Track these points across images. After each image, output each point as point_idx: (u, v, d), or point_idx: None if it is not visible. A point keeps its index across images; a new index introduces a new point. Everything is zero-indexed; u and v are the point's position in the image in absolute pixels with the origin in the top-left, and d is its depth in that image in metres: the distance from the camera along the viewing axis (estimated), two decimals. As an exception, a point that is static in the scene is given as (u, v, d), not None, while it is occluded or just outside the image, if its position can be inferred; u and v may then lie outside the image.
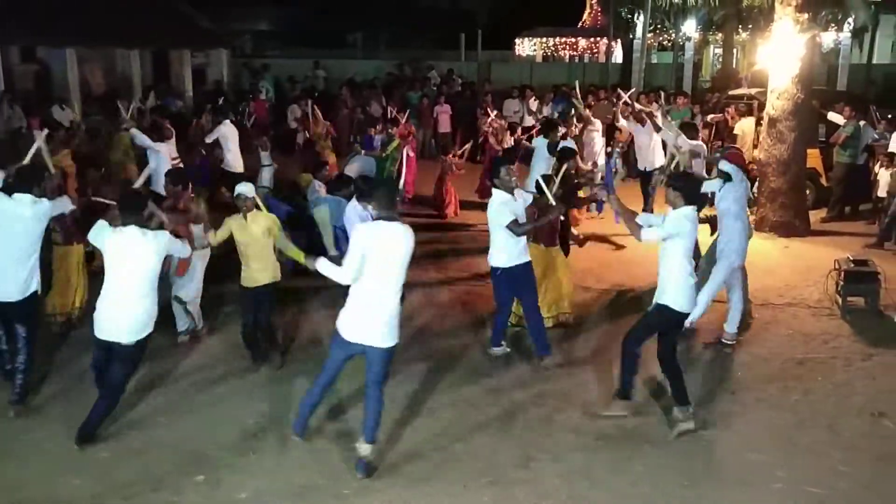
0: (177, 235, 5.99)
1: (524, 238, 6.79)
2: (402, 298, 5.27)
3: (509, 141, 14.04)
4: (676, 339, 6.06)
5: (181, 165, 10.85)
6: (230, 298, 7.89)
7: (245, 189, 6.61)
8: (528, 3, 38.41)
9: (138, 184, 9.84)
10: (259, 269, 6.65)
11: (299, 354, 7.15)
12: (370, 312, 5.08)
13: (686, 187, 5.80)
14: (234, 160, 11.97)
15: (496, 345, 7.16)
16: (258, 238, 6.56)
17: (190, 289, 7.19)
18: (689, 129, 10.07)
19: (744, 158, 7.86)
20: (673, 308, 5.73)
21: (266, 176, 12.04)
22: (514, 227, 6.55)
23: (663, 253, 5.79)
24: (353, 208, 7.48)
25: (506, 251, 6.73)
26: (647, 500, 5.02)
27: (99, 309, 5.47)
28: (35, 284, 6.00)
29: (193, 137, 13.47)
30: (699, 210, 5.92)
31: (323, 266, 5.22)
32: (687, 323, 6.35)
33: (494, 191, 6.81)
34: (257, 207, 6.62)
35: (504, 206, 6.64)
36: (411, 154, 13.42)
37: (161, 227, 5.82)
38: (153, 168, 9.99)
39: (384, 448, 5.51)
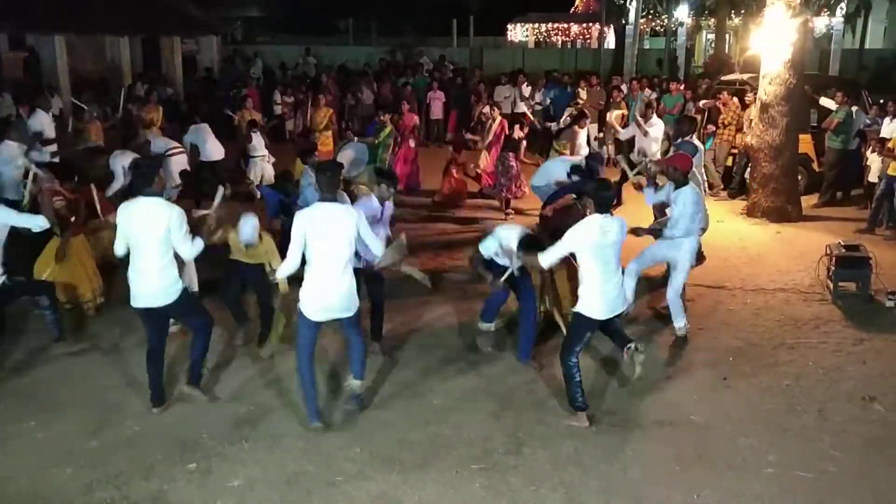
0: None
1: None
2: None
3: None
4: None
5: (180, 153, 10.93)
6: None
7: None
8: (521, -12, 38.26)
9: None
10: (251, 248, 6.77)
11: (289, 342, 7.13)
12: (328, 291, 5.44)
13: (594, 195, 5.70)
14: (212, 149, 11.97)
15: (487, 321, 7.10)
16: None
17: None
18: (684, 123, 9.93)
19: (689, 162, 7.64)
20: (583, 315, 5.74)
21: (253, 170, 12.12)
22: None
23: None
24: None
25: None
26: (638, 486, 5.03)
27: (130, 280, 5.60)
28: None
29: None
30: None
31: (280, 273, 5.72)
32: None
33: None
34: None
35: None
36: (412, 145, 13.30)
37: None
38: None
39: (376, 435, 5.53)
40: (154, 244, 5.46)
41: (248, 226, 6.57)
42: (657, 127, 11.49)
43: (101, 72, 20.55)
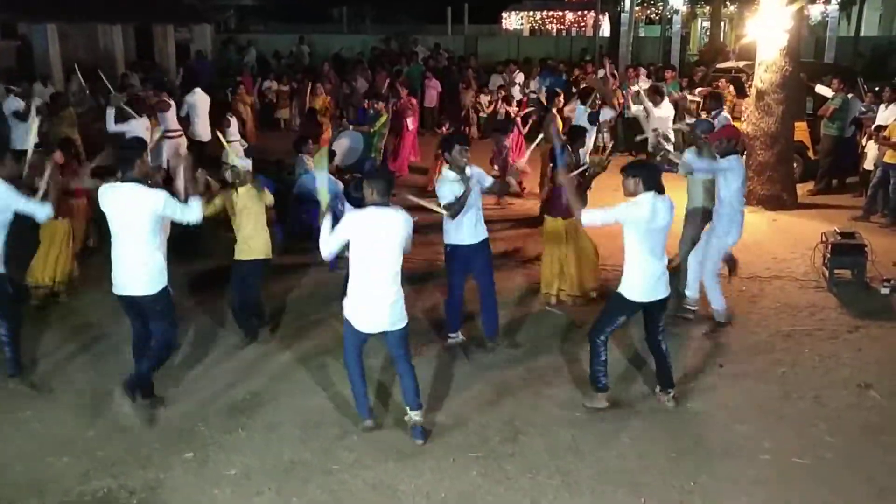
0: None
1: (476, 215, 6.44)
2: None
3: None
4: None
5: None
6: (218, 275, 7.84)
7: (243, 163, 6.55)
8: (516, -24, 38.11)
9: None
10: (252, 241, 6.60)
11: (286, 331, 7.13)
12: (373, 301, 5.16)
13: (642, 173, 5.50)
14: (203, 129, 11.97)
15: (452, 331, 6.84)
16: (250, 209, 6.52)
17: None
18: (652, 94, 10.09)
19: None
20: (623, 295, 5.63)
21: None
22: (447, 208, 6.22)
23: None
24: None
25: (454, 228, 6.41)
26: (634, 473, 5.04)
27: (112, 268, 5.46)
28: None
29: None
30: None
31: (325, 223, 5.27)
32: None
33: (444, 168, 6.55)
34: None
35: (451, 185, 6.28)
36: (411, 127, 13.40)
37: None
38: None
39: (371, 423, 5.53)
40: (133, 231, 5.31)
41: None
42: (666, 108, 11.56)
43: (93, 60, 20.39)
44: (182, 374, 6.29)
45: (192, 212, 5.48)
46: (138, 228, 5.32)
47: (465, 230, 6.43)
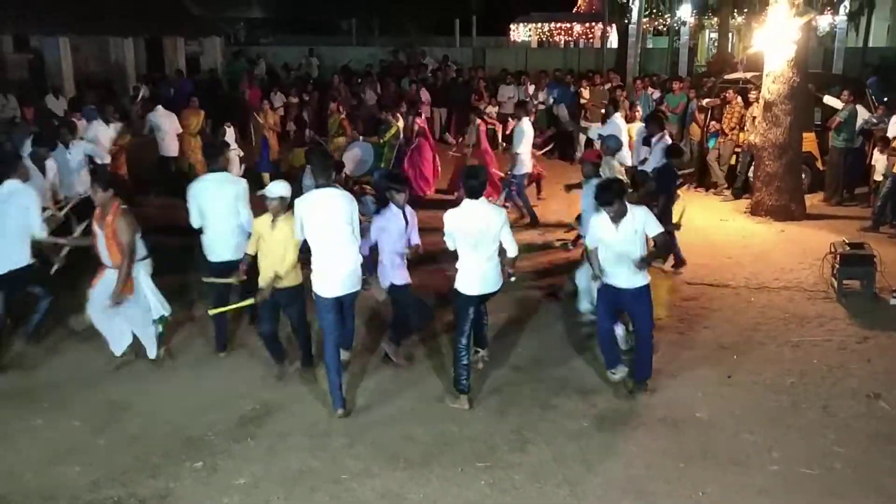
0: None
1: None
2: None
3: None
4: None
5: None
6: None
7: (272, 190, 6.03)
8: (523, -12, 38.21)
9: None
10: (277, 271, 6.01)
11: (294, 341, 7.14)
12: (333, 269, 5.77)
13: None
14: (169, 145, 12.37)
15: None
16: (279, 242, 6.00)
17: (135, 311, 6.41)
18: (652, 123, 10.03)
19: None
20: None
21: None
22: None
23: None
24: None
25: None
26: (642, 482, 5.04)
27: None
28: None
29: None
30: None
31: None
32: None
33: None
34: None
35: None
36: (430, 153, 12.85)
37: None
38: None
39: (381, 432, 5.55)
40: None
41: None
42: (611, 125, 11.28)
43: (105, 73, 20.58)
44: (192, 385, 6.33)
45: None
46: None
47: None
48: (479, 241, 5.77)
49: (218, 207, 6.53)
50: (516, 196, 11.12)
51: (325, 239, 5.76)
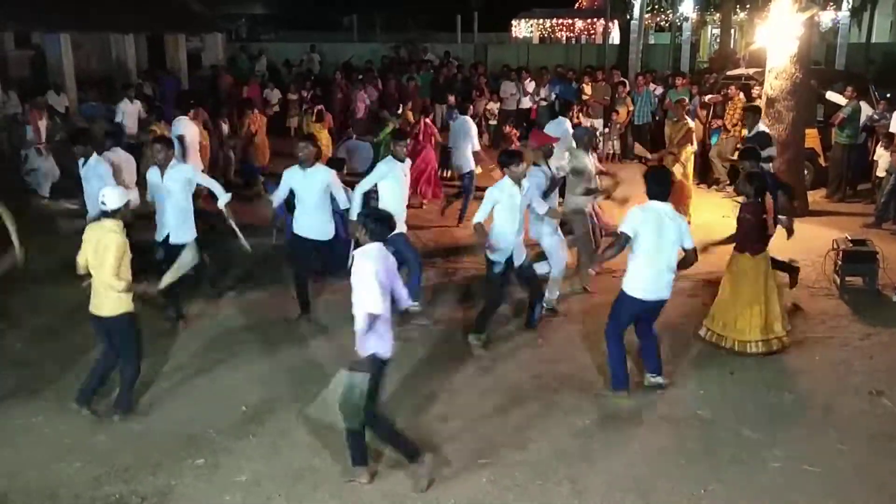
0: None
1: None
2: None
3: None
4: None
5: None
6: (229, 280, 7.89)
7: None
8: (525, -16, 38.17)
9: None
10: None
11: (298, 338, 7.15)
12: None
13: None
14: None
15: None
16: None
17: None
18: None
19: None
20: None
21: None
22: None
23: None
24: None
25: None
26: (644, 480, 5.03)
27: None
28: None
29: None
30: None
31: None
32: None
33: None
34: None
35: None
36: (433, 164, 12.17)
37: None
38: None
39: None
40: None
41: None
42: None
43: (106, 69, 20.56)
44: (193, 382, 6.33)
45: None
46: None
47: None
48: None
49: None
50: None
51: None
